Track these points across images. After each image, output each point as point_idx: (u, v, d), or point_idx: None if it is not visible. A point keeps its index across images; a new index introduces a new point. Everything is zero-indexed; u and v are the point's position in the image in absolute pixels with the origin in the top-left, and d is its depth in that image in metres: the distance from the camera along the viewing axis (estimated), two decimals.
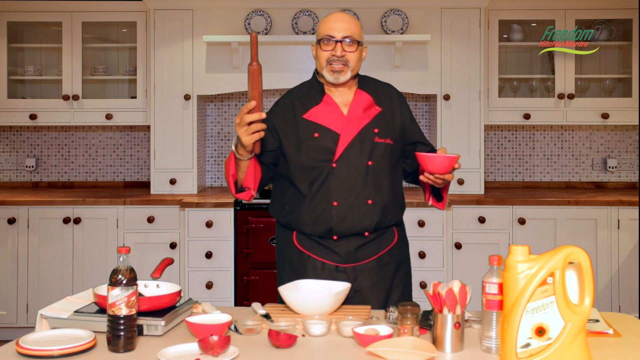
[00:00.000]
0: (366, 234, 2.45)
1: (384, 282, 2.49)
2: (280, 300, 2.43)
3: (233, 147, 2.31)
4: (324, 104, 2.47)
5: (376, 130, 2.45)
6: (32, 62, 4.93)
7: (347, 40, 2.40)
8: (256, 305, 2.21)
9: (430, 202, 2.51)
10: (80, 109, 4.68)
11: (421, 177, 2.28)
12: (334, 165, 2.41)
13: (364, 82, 2.54)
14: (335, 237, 2.44)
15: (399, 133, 2.51)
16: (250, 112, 2.16)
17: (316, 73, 2.53)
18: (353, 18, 2.46)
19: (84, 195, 4.52)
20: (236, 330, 1.99)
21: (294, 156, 2.44)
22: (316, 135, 2.43)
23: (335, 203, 2.41)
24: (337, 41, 2.40)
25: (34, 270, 4.37)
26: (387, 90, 2.56)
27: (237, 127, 2.21)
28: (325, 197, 2.42)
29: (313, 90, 2.51)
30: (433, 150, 2.55)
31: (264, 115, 2.18)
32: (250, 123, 2.18)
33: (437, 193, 2.49)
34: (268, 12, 4.53)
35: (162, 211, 4.35)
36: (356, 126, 2.44)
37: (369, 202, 2.42)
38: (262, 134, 2.20)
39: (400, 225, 2.59)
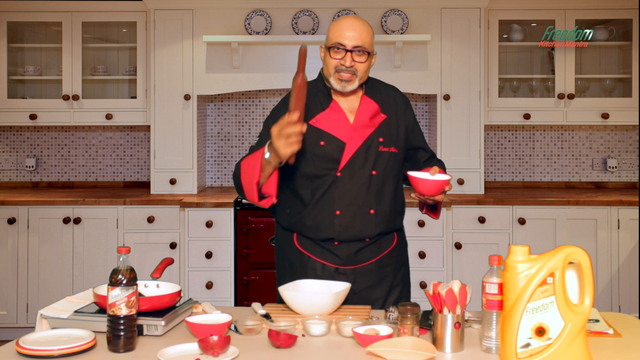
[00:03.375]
0: (367, 239, 2.46)
1: (383, 284, 2.49)
2: (280, 300, 2.44)
3: (267, 155, 2.18)
4: (331, 110, 2.43)
5: (381, 140, 2.43)
6: (32, 62, 4.93)
7: (358, 50, 2.35)
8: (256, 305, 2.21)
9: (424, 211, 2.51)
10: (80, 109, 4.68)
11: (412, 195, 2.31)
12: (339, 174, 2.40)
13: (370, 87, 2.50)
14: (336, 243, 2.44)
15: (404, 140, 2.50)
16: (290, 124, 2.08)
17: (322, 74, 2.49)
18: (365, 25, 2.39)
19: (84, 195, 4.52)
20: (236, 330, 1.99)
21: (299, 163, 2.41)
22: (322, 143, 2.40)
23: (338, 212, 2.40)
24: (347, 50, 2.35)
25: (34, 270, 4.37)
26: (391, 95, 2.53)
27: (274, 138, 2.10)
28: (328, 205, 2.40)
29: (319, 94, 2.46)
30: (433, 157, 2.56)
31: (304, 129, 2.10)
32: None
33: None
34: (268, 12, 4.53)
35: (162, 211, 4.35)
36: (362, 135, 2.41)
37: (371, 211, 2.42)
38: (300, 145, 2.12)
39: (400, 229, 2.59)
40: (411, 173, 2.26)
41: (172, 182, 4.57)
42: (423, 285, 4.24)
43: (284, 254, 2.55)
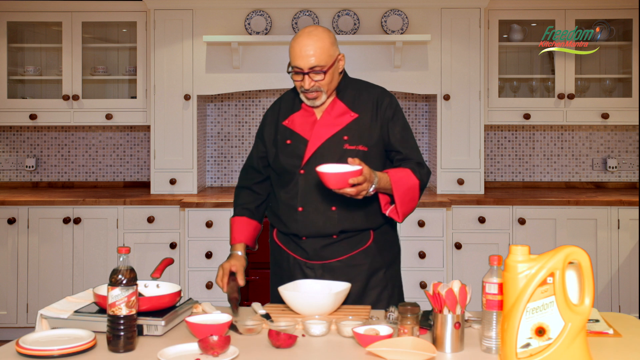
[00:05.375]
0: (334, 236, 2.45)
1: (354, 283, 2.42)
2: (274, 300, 2.46)
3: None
4: (303, 110, 2.50)
5: (346, 137, 2.42)
6: (32, 62, 4.93)
7: (314, 71, 2.36)
8: (256, 305, 2.21)
9: (387, 213, 2.41)
10: (80, 109, 4.68)
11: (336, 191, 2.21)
12: (302, 171, 2.43)
13: (348, 87, 2.50)
14: (303, 238, 2.47)
15: (377, 138, 2.45)
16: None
17: None
18: (319, 41, 2.36)
19: (84, 195, 4.52)
20: (236, 330, 1.99)
21: (272, 161, 2.53)
22: (288, 142, 2.48)
23: (300, 208, 2.44)
24: (304, 73, 2.37)
25: (34, 270, 4.37)
26: (370, 94, 2.50)
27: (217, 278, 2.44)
28: (292, 202, 2.46)
29: (298, 95, 2.53)
30: (406, 158, 2.45)
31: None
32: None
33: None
34: (268, 12, 4.53)
35: (162, 211, 4.35)
36: (326, 133, 2.44)
37: (333, 208, 2.42)
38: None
39: (378, 228, 2.51)
40: (318, 167, 2.18)
41: (172, 182, 4.57)
42: (423, 285, 4.24)
43: (270, 249, 2.64)
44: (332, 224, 2.43)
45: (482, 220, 4.33)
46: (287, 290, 2.18)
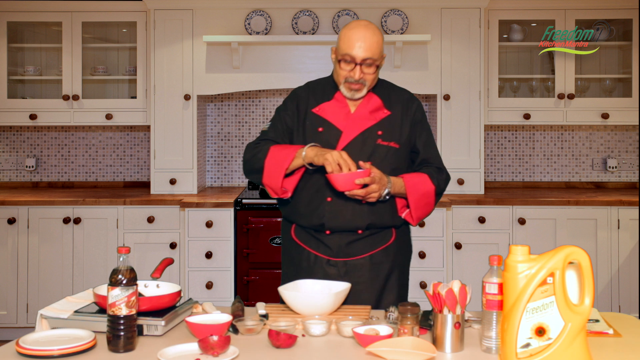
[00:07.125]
0: (359, 231, 2.47)
1: (376, 281, 2.49)
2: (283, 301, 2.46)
3: (304, 152, 2.34)
4: (335, 100, 2.50)
5: (379, 133, 2.46)
6: (32, 62, 4.93)
7: (367, 63, 2.39)
8: (260, 305, 2.21)
9: (403, 216, 2.52)
10: (80, 109, 4.68)
11: (346, 194, 2.31)
12: None
13: (379, 86, 2.54)
14: (328, 232, 2.46)
15: (407, 137, 2.51)
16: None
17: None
18: (376, 35, 2.40)
19: (84, 195, 4.52)
20: (236, 330, 1.99)
21: None
22: (320, 129, 2.46)
23: (329, 199, 2.44)
24: (357, 63, 2.38)
25: (34, 270, 4.37)
26: (400, 94, 2.56)
27: (334, 152, 2.27)
28: (320, 191, 2.45)
29: (328, 85, 2.53)
30: (427, 162, 2.52)
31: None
32: None
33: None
34: (268, 12, 4.53)
35: (162, 211, 4.35)
36: (360, 126, 2.45)
37: (363, 201, 2.42)
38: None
39: (400, 227, 2.58)
40: (328, 173, 2.28)
41: (172, 182, 4.57)
42: (423, 285, 4.24)
43: (285, 247, 2.61)
44: (361, 217, 2.44)
45: (482, 220, 4.33)
46: (287, 290, 2.18)
